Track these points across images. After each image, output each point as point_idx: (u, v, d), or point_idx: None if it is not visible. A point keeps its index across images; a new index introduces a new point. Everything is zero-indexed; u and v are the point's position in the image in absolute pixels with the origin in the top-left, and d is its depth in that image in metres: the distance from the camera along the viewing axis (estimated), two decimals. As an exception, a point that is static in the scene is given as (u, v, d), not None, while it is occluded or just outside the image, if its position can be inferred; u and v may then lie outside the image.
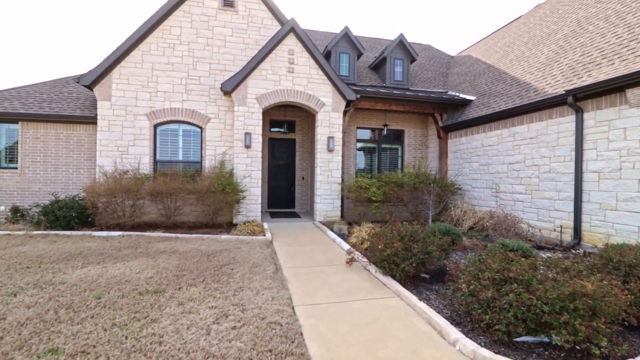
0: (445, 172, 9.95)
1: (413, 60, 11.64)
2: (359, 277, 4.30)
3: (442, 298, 3.52)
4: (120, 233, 6.60)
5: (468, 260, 3.61)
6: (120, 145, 7.98)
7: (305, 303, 3.41)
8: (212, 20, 8.44)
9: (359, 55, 11.45)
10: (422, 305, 3.24)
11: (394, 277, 4.04)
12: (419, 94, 9.99)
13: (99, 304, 3.28)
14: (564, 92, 6.27)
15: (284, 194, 10.99)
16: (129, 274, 4.18)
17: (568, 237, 6.40)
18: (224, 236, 6.57)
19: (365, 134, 10.88)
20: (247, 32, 8.63)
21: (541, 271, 3.12)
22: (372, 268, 4.41)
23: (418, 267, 4.00)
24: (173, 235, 6.59)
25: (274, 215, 9.79)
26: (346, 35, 10.94)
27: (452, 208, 8.49)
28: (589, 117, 6.05)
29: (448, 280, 3.82)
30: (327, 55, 11.01)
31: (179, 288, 3.69)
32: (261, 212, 9.64)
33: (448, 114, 10.19)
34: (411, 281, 4.04)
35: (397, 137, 11.07)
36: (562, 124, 6.56)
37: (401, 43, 11.29)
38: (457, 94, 10.54)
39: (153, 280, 3.94)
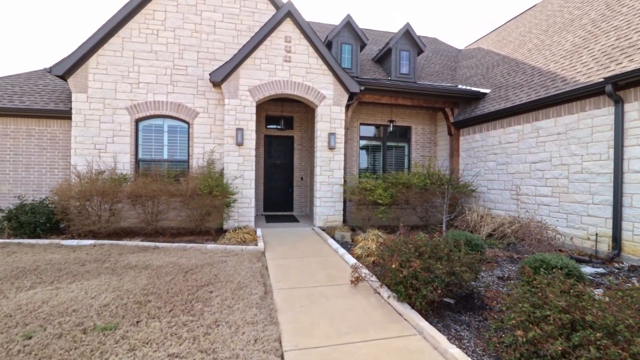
0: (457, 172, 9.10)
1: (420, 52, 10.79)
2: (368, 303, 3.46)
3: (479, 339, 2.68)
4: (92, 242, 5.78)
5: (512, 287, 2.78)
6: (98, 142, 7.16)
7: (299, 346, 2.58)
8: (200, 4, 7.60)
9: (362, 46, 10.62)
10: (455, 351, 2.41)
11: (412, 305, 3.20)
12: (428, 87, 9.14)
13: (24, 348, 2.46)
14: (601, 79, 5.42)
15: (281, 196, 10.15)
16: (82, 299, 3.35)
17: (604, 246, 5.56)
18: (210, 245, 5.74)
19: (369, 131, 10.03)
20: (240, 17, 7.79)
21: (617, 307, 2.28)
22: (384, 291, 3.58)
23: (443, 291, 3.17)
24: (152, 244, 5.76)
25: (269, 219, 8.95)
26: (348, 24, 10.10)
27: (467, 212, 7.65)
28: (632, 109, 5.21)
29: (483, 312, 3.00)
30: (328, 45, 10.16)
31: (137, 322, 2.86)
32: (256, 215, 8.82)
33: (460, 109, 9.34)
34: (434, 310, 3.20)
35: (404, 134, 10.22)
36: (598, 117, 5.71)
37: (407, 33, 10.45)
38: (469, 87, 9.68)
39: (108, 309, 3.11)
